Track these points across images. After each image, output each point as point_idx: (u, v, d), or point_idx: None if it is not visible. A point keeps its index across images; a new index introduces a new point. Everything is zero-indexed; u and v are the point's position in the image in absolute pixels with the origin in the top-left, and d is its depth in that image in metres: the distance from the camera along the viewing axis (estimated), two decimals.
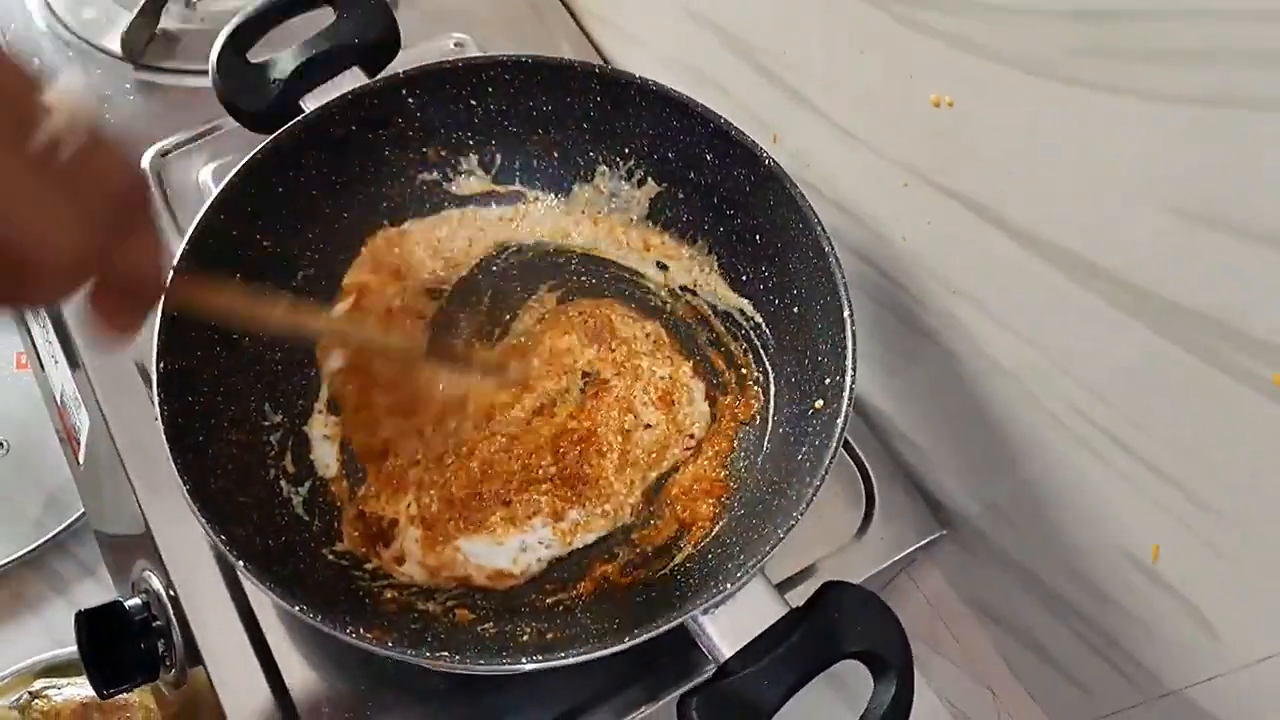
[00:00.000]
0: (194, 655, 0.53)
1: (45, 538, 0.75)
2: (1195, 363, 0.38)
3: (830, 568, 0.58)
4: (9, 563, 0.75)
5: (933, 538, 0.60)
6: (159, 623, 0.54)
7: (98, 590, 0.75)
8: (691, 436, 0.57)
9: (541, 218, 0.63)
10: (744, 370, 0.58)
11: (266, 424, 0.53)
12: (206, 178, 0.68)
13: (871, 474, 0.61)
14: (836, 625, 0.43)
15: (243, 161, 0.52)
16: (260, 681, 0.52)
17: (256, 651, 0.52)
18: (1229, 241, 0.34)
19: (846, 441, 0.61)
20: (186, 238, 0.49)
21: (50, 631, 0.74)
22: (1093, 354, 0.43)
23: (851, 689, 0.45)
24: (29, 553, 0.75)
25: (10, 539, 0.76)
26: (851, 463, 0.62)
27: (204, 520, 0.42)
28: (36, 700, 0.66)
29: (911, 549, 0.59)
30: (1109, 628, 0.49)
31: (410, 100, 0.57)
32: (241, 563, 0.41)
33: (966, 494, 0.58)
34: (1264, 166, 0.32)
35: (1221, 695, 0.43)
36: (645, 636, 0.42)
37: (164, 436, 0.43)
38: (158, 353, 0.45)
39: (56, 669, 0.69)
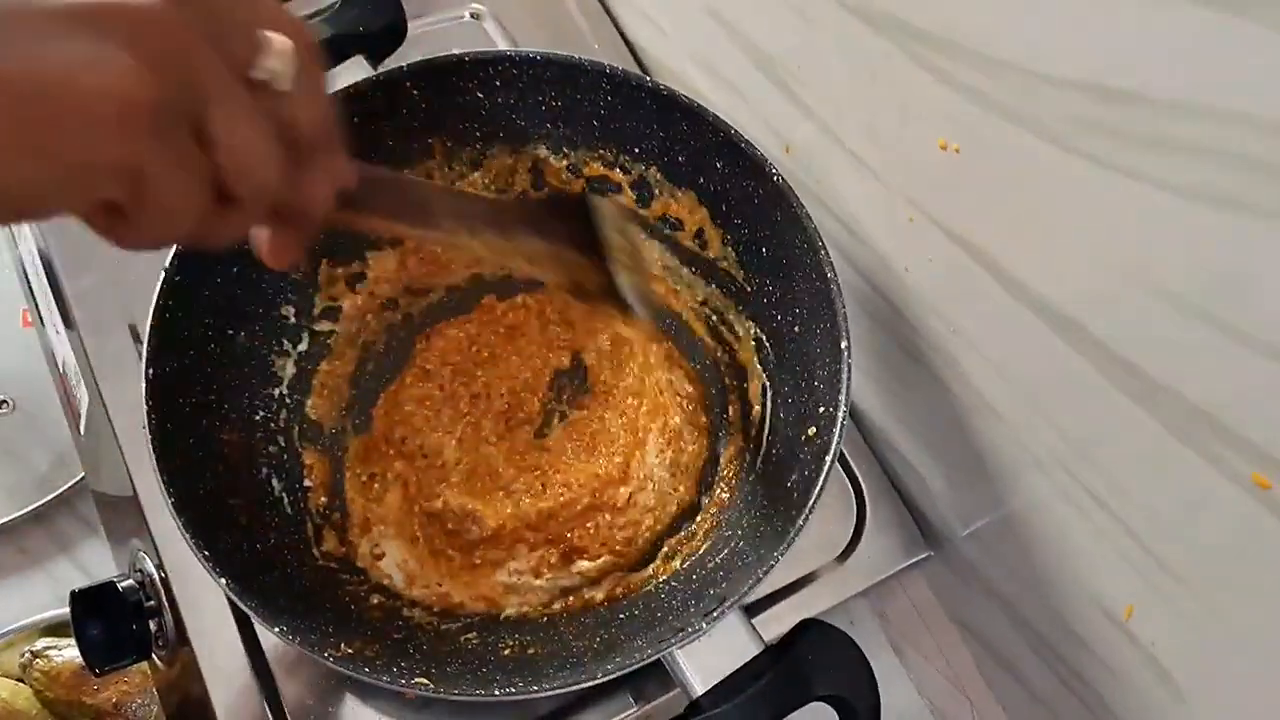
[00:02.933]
0: (183, 638, 0.54)
1: (51, 495, 0.77)
2: (1178, 446, 0.37)
3: (816, 584, 0.58)
4: (15, 519, 0.77)
5: (920, 558, 0.60)
6: (151, 603, 0.55)
7: (102, 549, 0.77)
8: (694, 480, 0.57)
9: None
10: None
11: (259, 419, 0.53)
12: None
13: (864, 488, 0.61)
14: (809, 667, 0.44)
15: None
16: (245, 667, 0.53)
17: (244, 638, 0.53)
18: (1220, 339, 0.33)
19: (842, 455, 0.61)
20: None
21: (55, 587, 0.76)
22: (1079, 414, 0.43)
23: None
24: (35, 509, 0.77)
25: (17, 495, 0.77)
26: (845, 475, 0.62)
27: (188, 536, 0.42)
28: (38, 660, 0.68)
29: (898, 569, 0.59)
30: (1080, 668, 0.50)
31: (415, 92, 0.55)
32: (225, 580, 0.42)
33: (954, 518, 0.57)
34: (1258, 274, 0.31)
35: None
36: (619, 673, 0.42)
37: (149, 448, 0.44)
38: (148, 359, 0.45)
39: (59, 628, 0.71)
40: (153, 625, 0.56)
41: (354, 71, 0.54)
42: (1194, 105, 0.31)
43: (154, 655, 0.57)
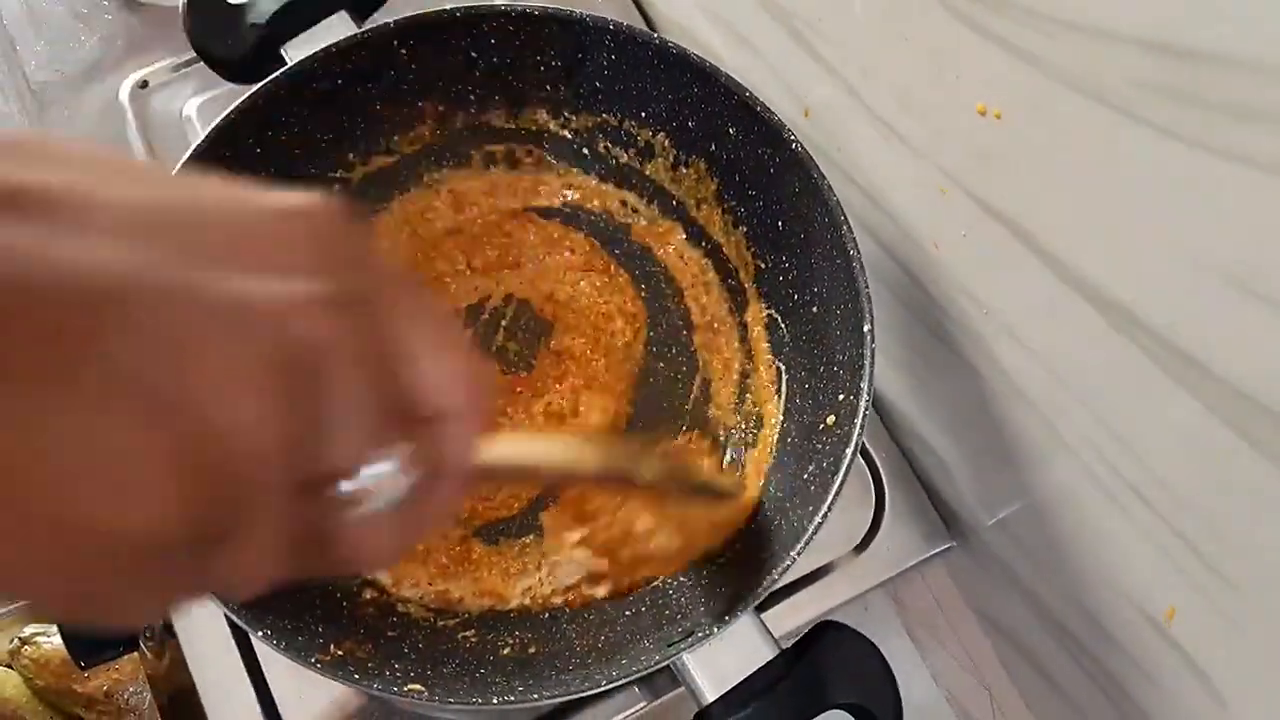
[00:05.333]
0: (170, 628, 0.52)
1: None
2: (1228, 434, 0.34)
3: (832, 576, 0.55)
4: None
5: (941, 549, 0.57)
6: None
7: None
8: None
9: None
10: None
11: None
12: (192, 112, 0.64)
13: (883, 476, 0.58)
14: (828, 672, 0.41)
15: (216, 120, 0.47)
16: (234, 657, 0.50)
17: (232, 628, 0.51)
18: None
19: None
20: None
21: None
22: (1123, 404, 0.40)
23: None
24: None
25: None
26: (863, 462, 0.58)
27: None
28: (26, 647, 0.66)
29: (918, 560, 0.57)
30: (1111, 667, 0.47)
31: (403, 51, 0.52)
32: None
33: (980, 508, 0.55)
34: None
35: None
36: (623, 680, 0.40)
37: None
38: None
39: None
40: None
41: (336, 29, 0.50)
42: None
43: (143, 645, 0.55)
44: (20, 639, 0.67)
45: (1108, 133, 0.33)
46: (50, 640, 0.66)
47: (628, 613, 0.49)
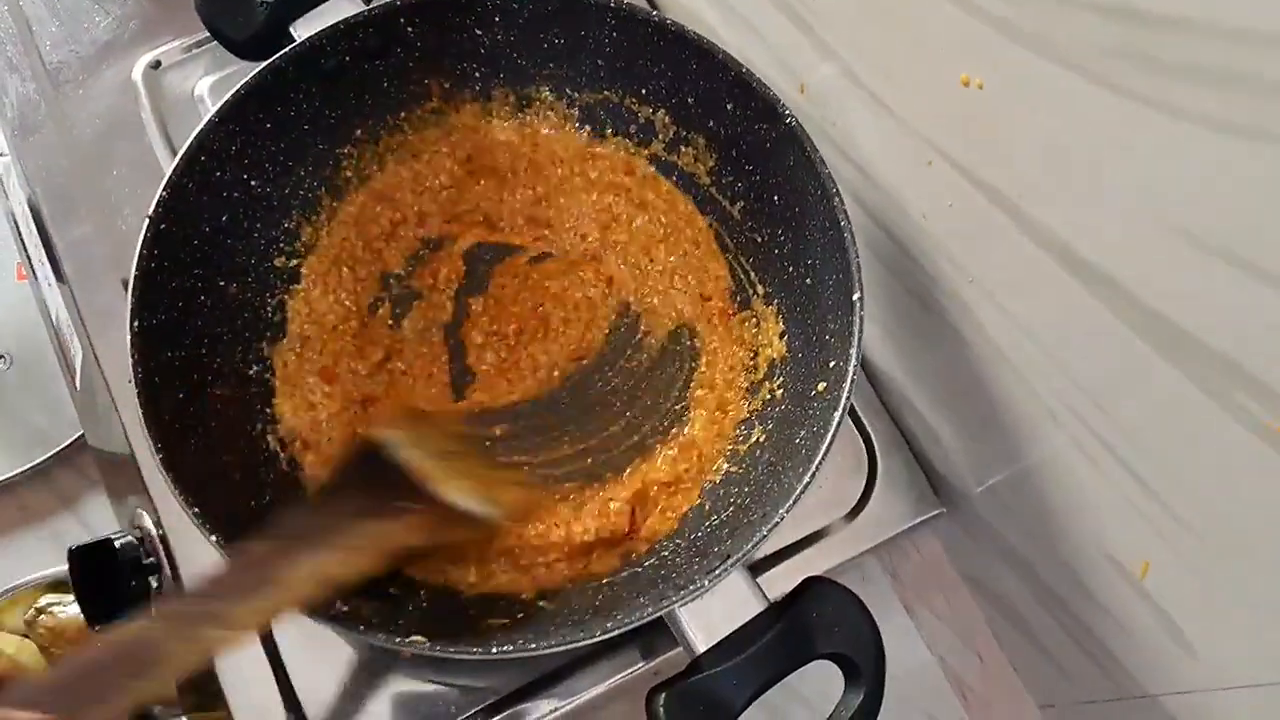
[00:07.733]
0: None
1: (52, 451, 0.76)
2: (1195, 393, 0.35)
3: (825, 542, 0.57)
4: (16, 475, 0.76)
5: (931, 515, 0.58)
6: (151, 560, 0.55)
7: (104, 505, 0.76)
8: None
9: None
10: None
11: (252, 374, 0.52)
12: (204, 91, 0.65)
13: (876, 445, 0.60)
14: (814, 624, 0.43)
15: (226, 96, 0.49)
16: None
17: None
18: (1245, 280, 0.31)
19: (853, 409, 0.60)
20: (164, 182, 0.46)
21: (57, 543, 0.75)
22: (1098, 365, 0.41)
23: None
24: (36, 466, 0.76)
25: (16, 451, 0.76)
26: (856, 431, 0.60)
27: (176, 492, 0.41)
28: (42, 616, 0.68)
29: (908, 525, 0.58)
30: (1093, 625, 0.49)
31: (410, 29, 0.53)
32: (215, 538, 0.41)
33: (967, 474, 0.56)
34: None
35: (1196, 710, 0.43)
36: (618, 631, 0.41)
37: (138, 401, 0.42)
38: (133, 309, 0.44)
39: (63, 584, 0.70)
40: (154, 581, 0.55)
41: (343, 7, 0.52)
42: (1235, 30, 0.29)
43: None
44: (36, 608, 0.68)
45: (1077, 97, 0.35)
46: (66, 610, 0.68)
47: (624, 574, 0.50)
